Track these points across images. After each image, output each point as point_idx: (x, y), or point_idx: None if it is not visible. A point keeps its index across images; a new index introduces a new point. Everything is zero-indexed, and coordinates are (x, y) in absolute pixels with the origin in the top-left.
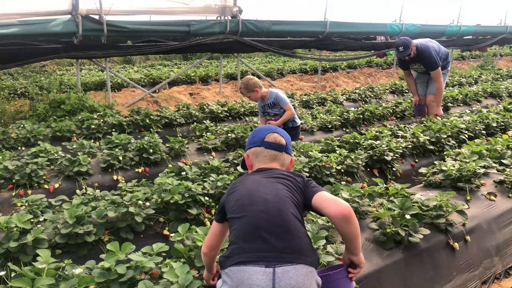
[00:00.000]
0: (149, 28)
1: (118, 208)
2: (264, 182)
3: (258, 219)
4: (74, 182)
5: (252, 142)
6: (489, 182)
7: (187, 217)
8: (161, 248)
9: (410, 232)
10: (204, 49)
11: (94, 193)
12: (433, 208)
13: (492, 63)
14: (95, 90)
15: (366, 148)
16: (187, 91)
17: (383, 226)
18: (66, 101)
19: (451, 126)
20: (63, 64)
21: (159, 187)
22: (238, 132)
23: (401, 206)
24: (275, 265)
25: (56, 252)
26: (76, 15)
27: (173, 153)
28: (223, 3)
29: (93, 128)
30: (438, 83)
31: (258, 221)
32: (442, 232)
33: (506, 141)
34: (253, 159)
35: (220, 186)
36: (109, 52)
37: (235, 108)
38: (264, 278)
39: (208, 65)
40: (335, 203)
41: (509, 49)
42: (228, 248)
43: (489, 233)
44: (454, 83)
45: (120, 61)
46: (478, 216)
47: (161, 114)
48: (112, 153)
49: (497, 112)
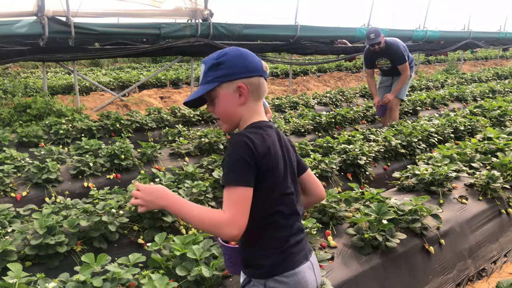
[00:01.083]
0: (118, 31)
1: (91, 217)
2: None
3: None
4: (43, 189)
5: (250, 69)
6: (460, 185)
7: (162, 225)
8: (138, 259)
9: (387, 237)
10: (175, 52)
11: (65, 202)
12: (409, 212)
13: (457, 68)
14: (62, 94)
15: (339, 152)
16: (158, 95)
17: (360, 231)
18: (32, 105)
19: (422, 130)
20: (27, 66)
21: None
22: (212, 136)
23: (378, 211)
24: (310, 254)
25: (26, 264)
26: (42, 17)
27: (145, 159)
28: (194, 6)
29: (62, 133)
30: (404, 75)
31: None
32: (418, 236)
33: (474, 145)
34: (251, 97)
35: (195, 192)
36: (77, 55)
37: (207, 112)
38: (311, 274)
39: (178, 68)
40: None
41: (471, 54)
42: (269, 246)
43: (462, 236)
44: (422, 87)
45: (88, 64)
46: (451, 220)
47: (132, 119)
48: (82, 159)
49: (464, 116)
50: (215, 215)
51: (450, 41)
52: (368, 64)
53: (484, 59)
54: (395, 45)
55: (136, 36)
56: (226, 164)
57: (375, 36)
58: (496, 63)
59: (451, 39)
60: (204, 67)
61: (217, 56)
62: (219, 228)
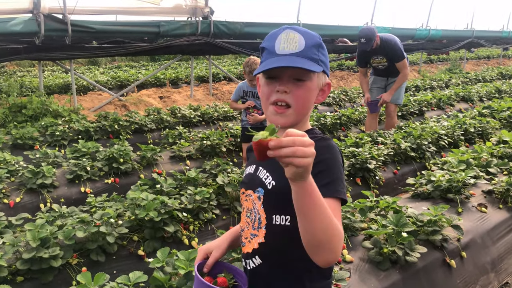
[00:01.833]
0: (116, 29)
1: (88, 228)
2: None
3: None
4: (38, 195)
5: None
6: (478, 192)
7: (164, 235)
8: (139, 278)
9: (407, 250)
10: (175, 51)
11: (61, 210)
12: (428, 223)
13: (460, 67)
14: (59, 94)
15: (347, 156)
16: (157, 95)
17: (378, 244)
18: (28, 106)
19: (431, 132)
20: (24, 65)
21: (133, 203)
22: (214, 139)
23: (396, 222)
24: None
25: (17, 279)
26: (37, 14)
27: (144, 162)
28: (194, 3)
29: (58, 135)
30: (403, 73)
31: None
32: (438, 249)
33: (490, 148)
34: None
35: (198, 200)
36: (74, 53)
37: (208, 113)
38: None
39: (177, 67)
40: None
41: (471, 53)
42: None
43: (483, 247)
44: (426, 86)
45: (85, 62)
46: (472, 230)
47: (131, 119)
48: (79, 163)
49: (473, 117)
50: (339, 227)
51: (453, 40)
52: (362, 63)
53: (486, 58)
54: (391, 40)
55: (134, 35)
56: (334, 169)
57: (366, 41)
58: (499, 62)
59: (454, 38)
60: (304, 39)
61: (318, 36)
62: (340, 244)
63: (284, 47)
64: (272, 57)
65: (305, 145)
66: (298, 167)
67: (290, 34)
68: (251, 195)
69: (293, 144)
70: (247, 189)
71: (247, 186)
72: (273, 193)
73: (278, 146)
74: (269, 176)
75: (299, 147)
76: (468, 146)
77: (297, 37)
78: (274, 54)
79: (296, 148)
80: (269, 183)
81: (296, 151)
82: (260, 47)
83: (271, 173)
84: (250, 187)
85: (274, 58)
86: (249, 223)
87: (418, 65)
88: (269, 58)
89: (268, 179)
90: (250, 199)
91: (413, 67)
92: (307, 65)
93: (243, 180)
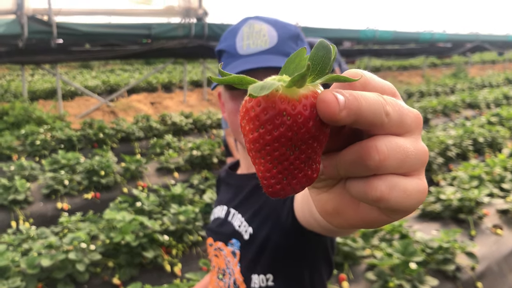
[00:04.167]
0: (105, 31)
1: (55, 255)
2: None
3: None
4: (9, 212)
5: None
6: (491, 211)
7: (142, 261)
8: None
9: (416, 283)
10: (167, 54)
11: (29, 232)
12: (438, 249)
13: (465, 71)
14: (44, 99)
15: None
16: (148, 100)
17: (382, 276)
18: (10, 112)
19: (438, 142)
20: (14, 68)
21: (108, 224)
22: (204, 149)
23: (403, 250)
24: None
25: None
26: (21, 15)
27: (128, 175)
28: (187, 4)
29: (38, 144)
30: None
31: None
32: (450, 280)
33: (503, 162)
34: None
35: (182, 220)
36: (59, 57)
37: (200, 120)
38: None
39: (172, 71)
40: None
41: (477, 57)
42: None
43: (500, 276)
44: (431, 92)
45: (77, 66)
46: (487, 256)
47: (117, 128)
48: (56, 176)
49: (481, 125)
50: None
51: (458, 44)
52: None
53: (491, 63)
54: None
55: (124, 37)
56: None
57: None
58: (504, 67)
59: (459, 41)
60: (275, 30)
61: (294, 25)
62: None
63: (249, 44)
64: (234, 60)
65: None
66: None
67: (255, 26)
68: (223, 249)
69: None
70: (216, 240)
71: (216, 236)
72: (252, 245)
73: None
74: (244, 222)
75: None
76: (477, 157)
77: (265, 28)
78: (237, 56)
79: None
80: (245, 232)
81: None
82: (216, 51)
83: (247, 216)
84: (220, 238)
85: (237, 61)
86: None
87: (422, 69)
88: (231, 62)
89: (243, 226)
90: (221, 254)
91: (417, 71)
92: (283, 63)
93: (210, 225)
